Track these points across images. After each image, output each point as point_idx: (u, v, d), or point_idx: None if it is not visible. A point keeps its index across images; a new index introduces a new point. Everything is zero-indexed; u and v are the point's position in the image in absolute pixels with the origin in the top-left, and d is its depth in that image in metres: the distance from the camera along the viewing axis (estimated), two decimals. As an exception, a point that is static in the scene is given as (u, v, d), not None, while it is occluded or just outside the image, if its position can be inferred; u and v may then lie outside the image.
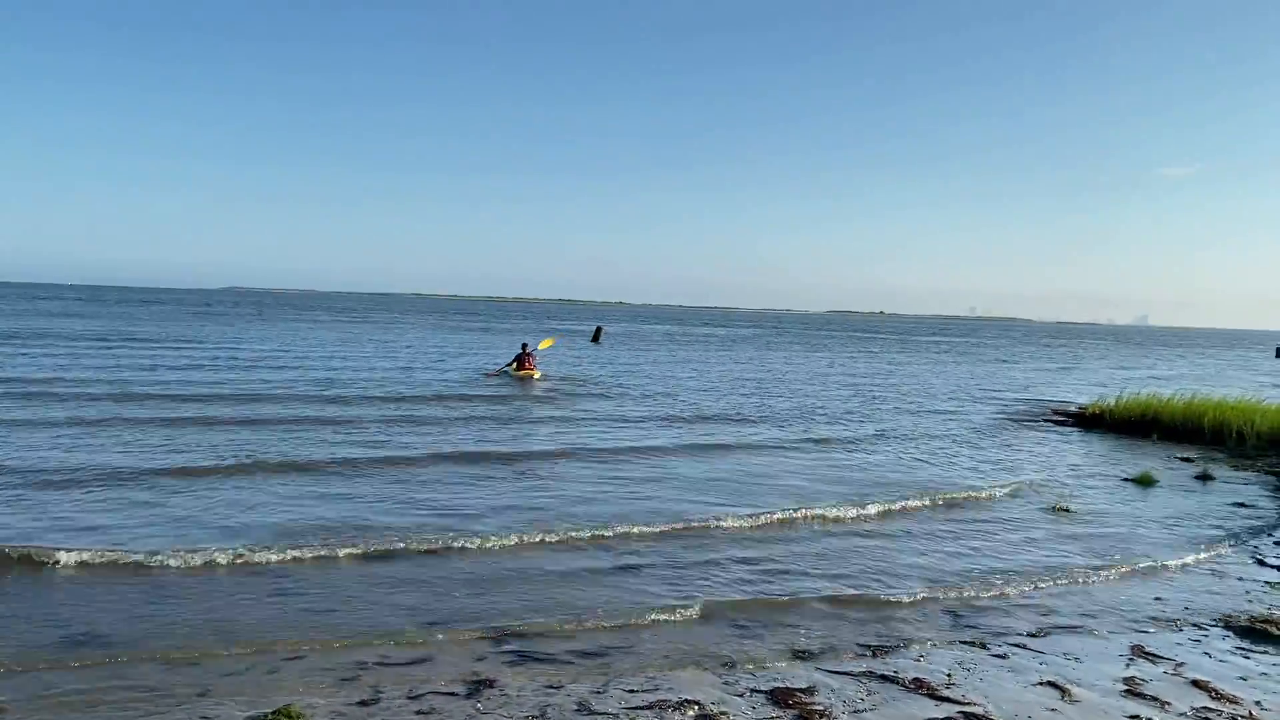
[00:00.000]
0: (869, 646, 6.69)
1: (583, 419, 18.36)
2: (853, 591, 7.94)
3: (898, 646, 6.71)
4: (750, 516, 10.38)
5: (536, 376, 26.12)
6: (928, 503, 11.73)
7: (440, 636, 6.45)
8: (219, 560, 7.90)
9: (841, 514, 10.78)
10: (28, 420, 15.09)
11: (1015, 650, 6.73)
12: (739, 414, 20.35)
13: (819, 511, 10.78)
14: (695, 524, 9.96)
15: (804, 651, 6.53)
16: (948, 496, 12.16)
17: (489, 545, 8.77)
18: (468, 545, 8.72)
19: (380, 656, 6.04)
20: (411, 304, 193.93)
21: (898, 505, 11.38)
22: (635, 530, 9.57)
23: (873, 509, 11.07)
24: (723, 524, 10.05)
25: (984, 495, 12.44)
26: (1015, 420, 21.86)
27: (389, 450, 13.64)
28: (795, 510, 10.75)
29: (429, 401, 20.17)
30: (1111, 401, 21.08)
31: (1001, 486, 13.08)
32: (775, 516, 10.47)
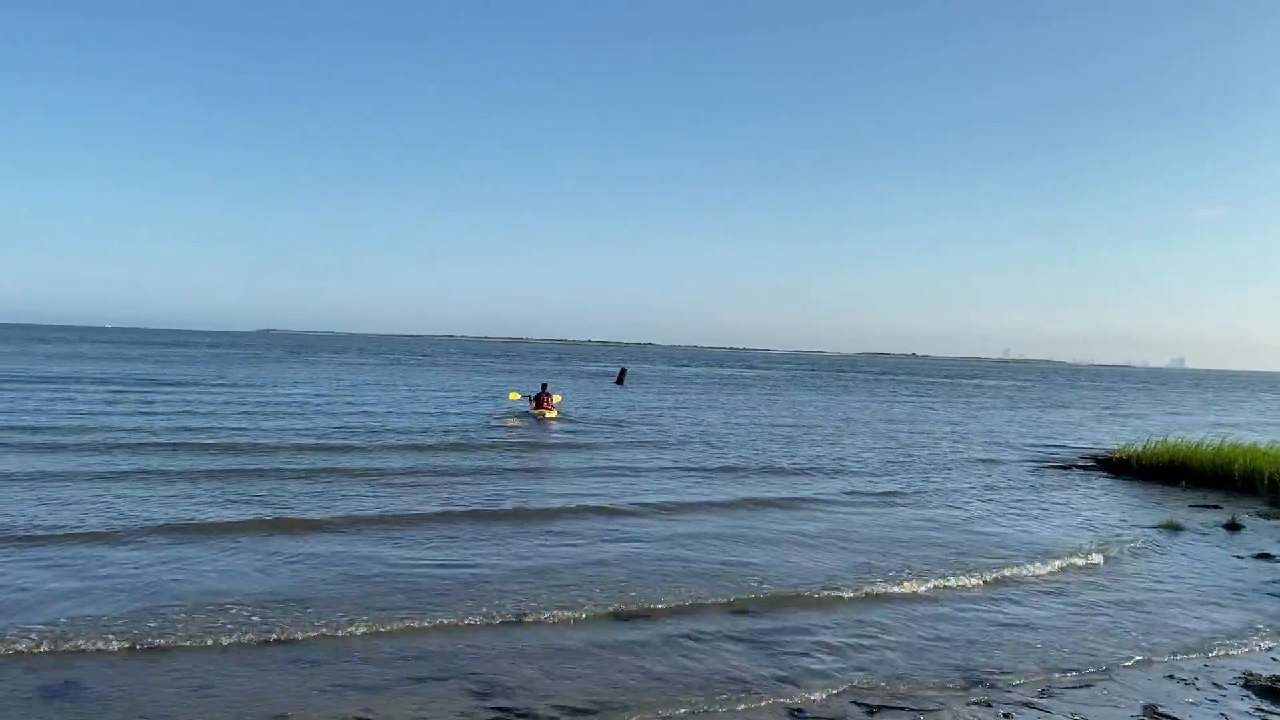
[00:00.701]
0: (869, 706, 6.54)
1: (603, 469, 18.11)
2: (863, 676, 7.22)
3: (899, 707, 6.55)
4: (759, 581, 9.81)
5: (550, 415, 27.22)
6: (949, 555, 11.45)
7: (425, 696, 6.35)
8: (206, 627, 7.54)
9: (864, 588, 9.76)
10: (38, 472, 14.87)
11: (1022, 710, 6.54)
12: (766, 464, 20.00)
13: (847, 582, 9.99)
14: (704, 592, 9.37)
15: (799, 710, 6.40)
16: (975, 550, 11.87)
17: (491, 614, 8.32)
18: (471, 617, 8.24)
19: (364, 710, 6.01)
20: (443, 346, 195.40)
21: (922, 568, 10.69)
22: (647, 605, 8.85)
23: (873, 585, 9.90)
24: (732, 597, 9.29)
25: (1005, 546, 12.19)
26: (1047, 467, 21.48)
27: (404, 504, 13.42)
28: (803, 581, 9.94)
29: (453, 450, 20.08)
30: (1139, 447, 20.67)
31: (1024, 536, 12.86)
32: (774, 583, 9.82)
